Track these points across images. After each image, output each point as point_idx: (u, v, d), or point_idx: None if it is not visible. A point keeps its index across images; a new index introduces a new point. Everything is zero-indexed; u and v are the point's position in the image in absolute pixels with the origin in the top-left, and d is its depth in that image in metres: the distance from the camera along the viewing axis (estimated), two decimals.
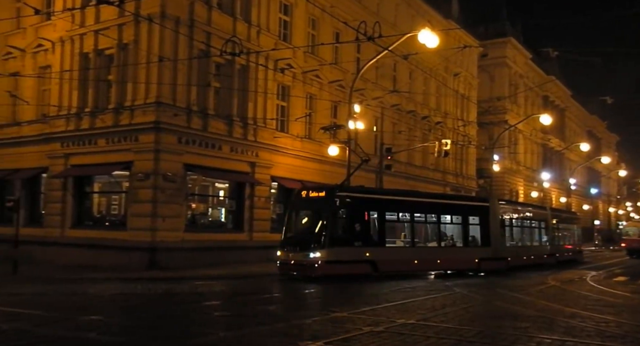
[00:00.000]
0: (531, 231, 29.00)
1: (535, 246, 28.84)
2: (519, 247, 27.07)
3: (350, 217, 19.26)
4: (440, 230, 22.82)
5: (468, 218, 23.64)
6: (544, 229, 30.04)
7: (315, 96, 29.40)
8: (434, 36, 19.09)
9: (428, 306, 12.66)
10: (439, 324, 10.09)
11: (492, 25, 52.63)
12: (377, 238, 20.01)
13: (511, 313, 11.88)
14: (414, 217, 21.63)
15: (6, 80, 25.86)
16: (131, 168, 22.10)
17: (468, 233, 23.58)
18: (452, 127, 42.41)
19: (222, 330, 9.14)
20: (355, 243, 19.02)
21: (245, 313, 11.09)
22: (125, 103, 22.64)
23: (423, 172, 38.89)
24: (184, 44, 22.41)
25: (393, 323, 10.05)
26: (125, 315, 11.09)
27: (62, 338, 8.31)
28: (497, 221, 24.60)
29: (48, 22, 25.40)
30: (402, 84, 35.76)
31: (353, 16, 28.27)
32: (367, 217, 19.75)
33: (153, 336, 8.59)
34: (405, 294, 15.19)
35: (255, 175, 25.62)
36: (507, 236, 25.82)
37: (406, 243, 21.63)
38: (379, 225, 20.20)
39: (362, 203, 19.83)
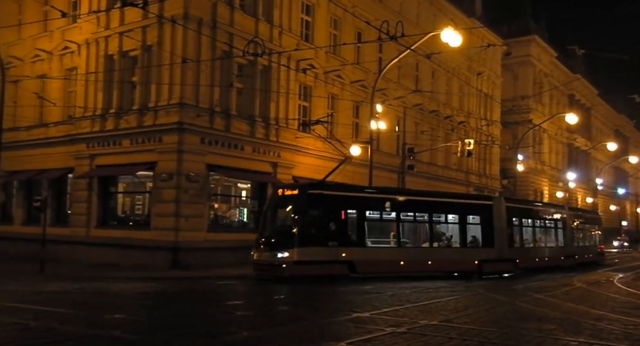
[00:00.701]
0: (545, 231, 27.49)
1: (550, 247, 27.38)
2: (530, 248, 25.67)
3: (324, 215, 18.39)
4: (433, 230, 21.62)
5: (466, 218, 22.46)
6: (561, 229, 28.46)
7: (337, 96, 29.36)
8: (457, 35, 18.95)
9: (451, 308, 12.54)
10: (461, 325, 9.98)
11: (516, 23, 52.00)
12: (356, 238, 19.12)
13: (536, 315, 11.71)
14: (400, 215, 20.53)
15: (34, 82, 26.36)
16: (155, 169, 22.34)
17: (466, 233, 22.30)
18: (475, 127, 42.01)
19: (244, 330, 9.16)
20: (330, 243, 18.14)
21: (268, 313, 11.12)
22: (149, 105, 22.90)
23: (445, 172, 38.59)
24: (206, 45, 22.57)
25: (415, 324, 9.97)
26: (149, 314, 11.20)
27: (87, 335, 8.42)
28: (502, 221, 23.35)
29: (74, 25, 25.80)
30: (425, 83, 35.53)
31: (375, 16, 28.16)
32: (345, 215, 18.84)
33: (176, 334, 8.66)
34: (428, 295, 15.07)
35: (277, 175, 25.69)
36: (515, 236, 24.64)
37: (391, 243, 20.62)
38: (358, 224, 19.28)
39: (338, 202, 18.96)
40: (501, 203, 24.03)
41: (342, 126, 29.13)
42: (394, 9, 32.88)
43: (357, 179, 26.46)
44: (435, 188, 33.04)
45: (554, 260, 26.92)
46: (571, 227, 29.68)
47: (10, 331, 8.68)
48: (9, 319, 9.57)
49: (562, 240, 28.41)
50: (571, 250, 28.95)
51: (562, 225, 28.57)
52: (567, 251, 28.52)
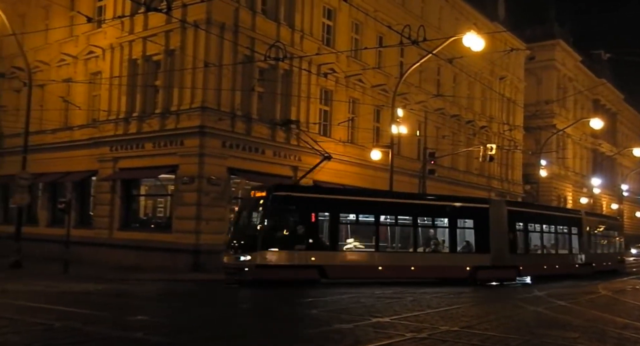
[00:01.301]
0: (557, 238, 26.03)
1: (563, 254, 25.87)
2: (536, 254, 24.37)
3: (292, 218, 17.92)
4: (417, 234, 20.45)
5: (457, 222, 21.21)
6: (576, 236, 26.81)
7: (358, 100, 29.35)
8: (479, 39, 18.82)
9: (472, 314, 12.42)
10: (483, 332, 9.87)
11: (540, 27, 51.49)
12: (328, 242, 18.44)
13: (559, 322, 11.53)
14: (379, 218, 19.77)
15: (59, 86, 26.81)
16: (176, 172, 22.55)
17: (456, 237, 21.11)
18: (497, 132, 41.63)
19: (260, 333, 9.17)
20: (297, 247, 17.55)
21: (289, 316, 11.12)
22: (172, 108, 23.13)
23: (467, 177, 38.29)
24: (228, 49, 22.75)
25: (436, 329, 9.89)
26: (171, 316, 11.28)
27: (110, 337, 8.51)
28: (501, 225, 21.95)
29: (99, 30, 26.20)
30: (446, 87, 35.34)
31: (397, 20, 28.12)
32: (315, 218, 18.23)
33: (197, 337, 8.70)
34: (449, 300, 14.95)
35: (298, 179, 25.70)
36: (519, 242, 23.25)
37: (367, 247, 19.70)
38: (331, 228, 18.58)
39: (307, 204, 18.31)
40: (500, 207, 22.83)
41: (362, 130, 29.12)
42: (416, 13, 32.79)
43: (378, 184, 26.40)
44: (457, 193, 32.78)
45: (566, 268, 25.54)
46: (588, 233, 28.07)
47: (35, 331, 8.81)
48: (33, 319, 9.72)
49: (577, 247, 26.84)
50: (588, 257, 27.32)
51: (578, 231, 27.00)
52: (584, 258, 26.98)
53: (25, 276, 18.46)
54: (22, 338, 8.20)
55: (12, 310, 10.68)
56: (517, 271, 22.55)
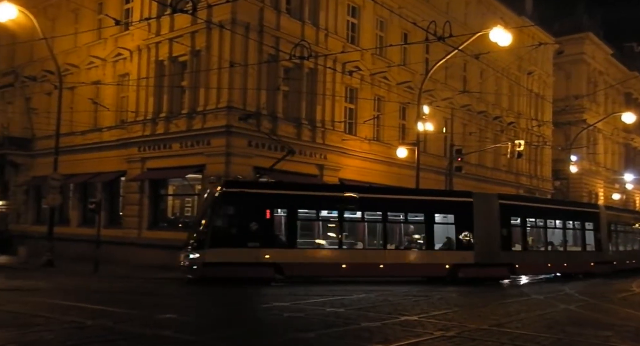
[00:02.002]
0: (564, 233, 24.27)
1: (573, 251, 24.30)
2: (537, 251, 23.03)
3: (245, 214, 17.48)
4: (387, 230, 19.44)
5: (434, 217, 20.08)
6: (591, 232, 25.03)
7: (384, 98, 29.22)
8: (507, 34, 18.54)
9: (502, 312, 12.26)
10: (513, 330, 9.74)
11: (569, 20, 50.46)
12: (285, 239, 17.95)
13: (592, 321, 11.32)
14: (343, 214, 18.76)
15: (89, 88, 27.27)
16: (203, 172, 22.74)
17: (433, 234, 19.85)
18: (525, 128, 41.02)
19: (292, 331, 9.20)
20: (250, 244, 17.10)
21: (316, 315, 11.12)
22: (198, 108, 23.35)
23: (495, 174, 37.81)
24: (253, 49, 22.86)
25: (465, 328, 9.79)
26: (199, 314, 11.38)
27: (141, 335, 8.62)
28: (489, 220, 20.54)
29: (126, 32, 26.57)
30: (473, 84, 34.93)
31: (422, 16, 27.88)
32: (270, 214, 17.80)
33: (225, 335, 8.77)
34: (477, 298, 14.79)
35: (324, 177, 25.72)
36: (514, 239, 21.85)
37: (329, 244, 19.07)
38: (287, 224, 17.99)
39: (261, 200, 17.85)
40: (489, 201, 21.26)
41: (388, 128, 28.99)
42: (441, 9, 32.48)
43: (404, 181, 26.26)
44: (485, 190, 32.38)
45: (578, 266, 24.00)
46: (609, 229, 26.33)
47: (68, 329, 8.98)
48: (66, 317, 9.91)
49: (592, 244, 25.07)
50: (607, 255, 25.59)
51: (594, 227, 25.19)
52: (601, 256, 25.22)
53: (58, 275, 18.85)
54: (56, 336, 8.36)
55: (45, 309, 10.90)
56: (513, 270, 21.19)
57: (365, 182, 26.53)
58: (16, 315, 10.15)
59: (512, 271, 21.26)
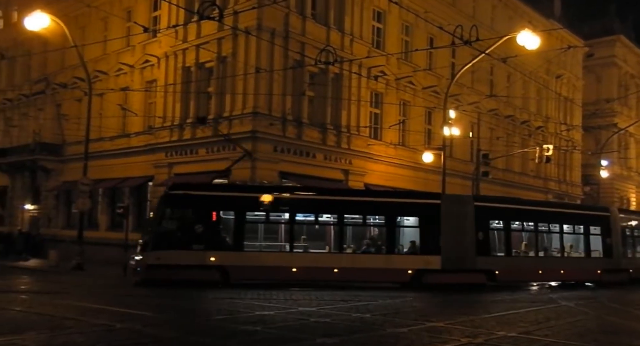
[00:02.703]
0: (561, 238, 22.12)
1: (574, 258, 22.48)
2: (523, 257, 21.29)
3: (190, 216, 17.45)
4: (343, 233, 18.56)
5: (397, 219, 19.12)
6: (598, 236, 22.87)
7: (409, 103, 29.10)
8: (535, 37, 18.30)
9: (531, 319, 12.05)
10: (542, 338, 9.56)
11: (599, 23, 49.58)
12: (232, 241, 17.54)
13: (625, 329, 11.05)
14: (294, 216, 18.14)
15: (117, 95, 27.75)
16: (229, 177, 22.90)
17: (395, 237, 18.97)
18: (554, 132, 40.40)
19: (318, 336, 9.18)
20: (195, 246, 16.86)
21: (341, 320, 11.09)
22: (224, 114, 23.57)
23: (522, 179, 37.32)
24: (279, 54, 22.99)
25: (492, 335, 9.65)
26: (224, 318, 11.43)
27: (168, 338, 8.71)
28: (461, 223, 19.20)
29: (154, 39, 26.99)
30: (500, 88, 34.57)
31: (448, 20, 27.72)
32: (217, 217, 17.46)
33: (252, 340, 8.79)
34: (506, 305, 14.58)
35: (349, 182, 25.70)
36: (492, 243, 20.31)
37: (280, 247, 18.45)
38: (234, 226, 17.60)
39: (207, 202, 17.50)
40: (461, 203, 19.91)
41: (414, 133, 28.85)
42: (468, 12, 32.26)
43: (430, 186, 26.08)
44: (512, 195, 31.96)
45: (581, 274, 22.14)
46: (623, 233, 23.96)
47: (98, 331, 9.11)
48: (96, 320, 10.05)
49: (601, 249, 22.85)
50: (619, 262, 23.23)
51: (603, 231, 22.99)
52: (611, 263, 22.90)
53: (87, 279, 19.13)
54: (86, 339, 8.49)
55: (75, 311, 11.08)
56: (493, 276, 19.56)
57: (391, 187, 26.44)
58: (48, 317, 10.34)
59: (491, 278, 19.55)
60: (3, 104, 37.81)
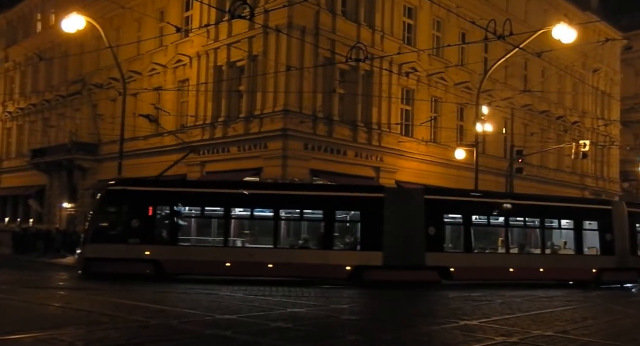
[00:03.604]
0: (542, 234, 20.20)
1: (559, 255, 20.38)
2: (490, 254, 19.63)
3: (127, 211, 17.66)
4: (278, 228, 18.13)
5: (335, 214, 18.38)
6: (595, 232, 20.56)
7: (441, 99, 28.81)
8: (571, 31, 17.88)
9: (567, 318, 11.81)
10: (579, 337, 9.36)
11: (638, 14, 48.19)
12: (167, 236, 17.64)
13: None
14: (229, 212, 18.01)
15: (151, 94, 28.19)
16: (261, 175, 23.06)
17: (333, 232, 18.28)
18: (590, 127, 39.49)
19: (350, 334, 9.17)
20: (131, 240, 17.08)
21: (373, 318, 11.06)
22: (255, 112, 23.72)
23: (558, 175, 36.58)
24: (309, 52, 23.02)
25: (528, 334, 9.49)
26: (258, 316, 11.52)
27: (202, 334, 8.80)
28: (408, 218, 18.04)
29: (186, 39, 27.32)
30: (534, 83, 33.93)
31: (480, 15, 27.31)
32: (153, 211, 17.66)
33: (282, 337, 8.83)
34: (540, 304, 14.32)
35: (380, 179, 25.60)
36: (447, 238, 19.32)
37: (215, 242, 18.43)
38: (170, 221, 17.76)
39: (144, 197, 17.75)
40: (410, 197, 18.90)
41: (445, 129, 28.56)
42: (501, 6, 31.75)
43: (462, 183, 25.78)
44: (547, 192, 31.36)
45: (566, 273, 19.95)
46: (632, 230, 21.24)
47: (132, 327, 9.27)
48: (131, 316, 10.23)
49: (599, 247, 20.53)
50: (625, 260, 20.63)
51: (602, 227, 20.55)
52: (612, 261, 20.38)
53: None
54: (122, 334, 8.65)
55: (111, 308, 11.30)
56: (447, 274, 18.31)
57: (422, 184, 26.23)
58: (85, 313, 10.57)
59: (445, 276, 18.31)
60: (41, 105, 38.82)
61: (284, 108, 22.63)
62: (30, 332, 8.26)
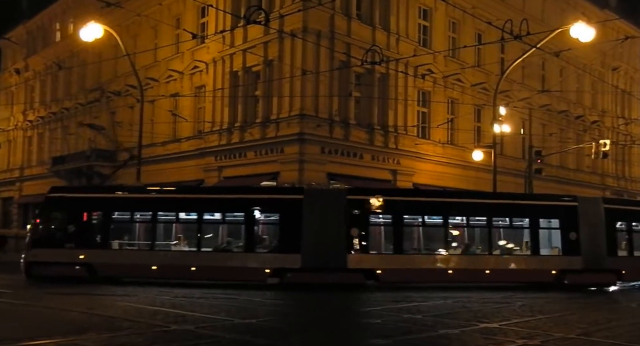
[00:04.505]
0: (488, 233, 18.93)
1: (504, 256, 19.14)
2: (408, 255, 18.36)
3: (64, 217, 18.35)
4: (201, 232, 18.23)
5: (255, 216, 18.20)
6: (556, 230, 19.13)
7: (457, 100, 28.67)
8: (589, 29, 17.69)
9: (590, 320, 11.64)
10: (603, 340, 9.22)
11: None
12: (99, 240, 18.37)
13: None
14: (156, 216, 18.45)
15: (167, 101, 28.45)
16: (277, 179, 23.13)
17: (254, 235, 18.18)
18: (611, 126, 39.00)
19: (371, 337, 9.15)
20: (67, 245, 17.87)
21: (393, 321, 11.02)
22: (271, 117, 23.81)
23: (578, 176, 36.16)
24: (325, 56, 23.07)
25: (550, 336, 9.37)
26: (279, 319, 11.54)
27: (222, 338, 8.84)
28: (328, 219, 17.59)
29: (202, 45, 27.54)
30: (552, 82, 33.59)
31: (496, 15, 27.17)
32: (87, 217, 18.52)
33: (305, 340, 8.84)
34: (561, 305, 14.16)
35: (397, 182, 25.53)
36: (373, 240, 18.60)
37: (143, 246, 18.77)
38: (101, 226, 18.58)
39: (80, 204, 18.66)
40: (331, 198, 18.53)
41: (463, 131, 28.40)
42: (517, 6, 31.52)
43: (481, 185, 25.61)
44: (567, 193, 30.97)
45: (518, 274, 18.65)
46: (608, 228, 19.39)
47: (154, 332, 9.34)
48: (152, 321, 10.31)
49: (561, 247, 18.98)
50: (591, 260, 18.77)
51: (565, 225, 18.96)
52: (575, 262, 18.70)
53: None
54: (144, 339, 8.72)
55: (134, 313, 11.40)
56: (374, 276, 17.72)
57: (440, 187, 26.09)
58: (107, 318, 10.67)
59: (370, 277, 17.74)
60: (61, 113, 39.37)
61: (300, 113, 22.68)
62: (52, 338, 8.37)
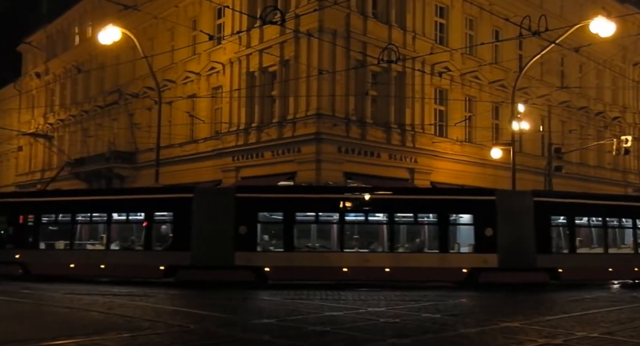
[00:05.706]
0: (389, 230, 18.25)
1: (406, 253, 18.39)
2: (300, 252, 18.22)
3: (6, 221, 20.38)
4: (110, 231, 19.27)
5: (152, 215, 19.06)
6: (469, 226, 18.37)
7: (475, 98, 28.44)
8: (610, 24, 17.42)
9: (613, 319, 11.46)
10: (627, 339, 9.07)
11: None
12: (30, 241, 20.01)
13: None
14: (75, 217, 20.12)
15: (185, 102, 28.62)
16: (295, 179, 23.14)
17: (150, 234, 18.88)
18: (632, 122, 38.40)
19: (389, 337, 9.09)
20: (8, 246, 19.91)
21: (412, 320, 10.95)
22: (288, 117, 23.83)
23: (599, 172, 35.66)
24: (341, 55, 23.03)
25: (572, 335, 9.24)
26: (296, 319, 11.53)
27: (240, 339, 8.87)
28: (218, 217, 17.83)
29: (219, 47, 27.66)
30: (572, 79, 33.19)
31: (514, 12, 26.88)
32: (23, 220, 20.18)
33: (322, 341, 8.82)
34: (585, 304, 13.95)
35: (415, 181, 25.40)
36: (261, 238, 18.41)
37: (64, 245, 20.11)
38: (33, 228, 20.19)
39: (14, 208, 20.50)
40: (220, 196, 18.92)
41: (480, 129, 28.16)
42: (535, 2, 31.19)
43: (500, 183, 25.34)
44: (588, 190, 30.55)
45: (423, 273, 17.69)
46: (538, 222, 18.20)
47: (174, 332, 9.40)
48: (172, 321, 10.39)
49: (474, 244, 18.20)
50: (510, 257, 17.83)
51: (481, 221, 18.06)
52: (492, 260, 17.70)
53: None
54: (163, 339, 8.77)
55: (153, 313, 11.49)
56: (262, 274, 17.72)
57: (458, 185, 25.89)
58: (128, 319, 10.76)
59: (260, 276, 17.77)
60: (80, 116, 39.82)
61: (317, 112, 22.67)
62: (73, 338, 8.45)
